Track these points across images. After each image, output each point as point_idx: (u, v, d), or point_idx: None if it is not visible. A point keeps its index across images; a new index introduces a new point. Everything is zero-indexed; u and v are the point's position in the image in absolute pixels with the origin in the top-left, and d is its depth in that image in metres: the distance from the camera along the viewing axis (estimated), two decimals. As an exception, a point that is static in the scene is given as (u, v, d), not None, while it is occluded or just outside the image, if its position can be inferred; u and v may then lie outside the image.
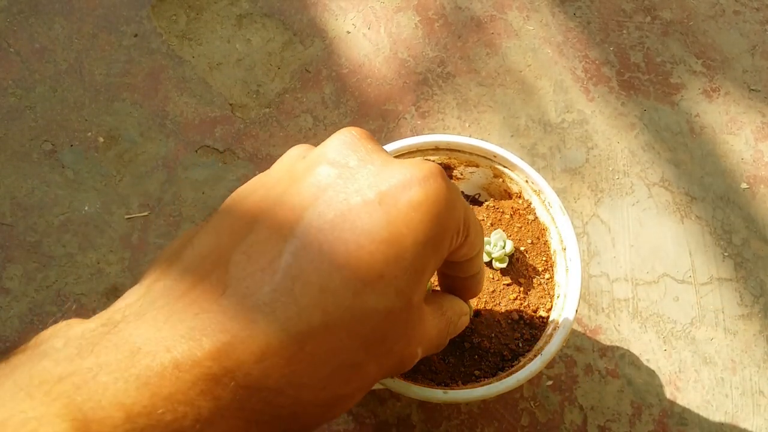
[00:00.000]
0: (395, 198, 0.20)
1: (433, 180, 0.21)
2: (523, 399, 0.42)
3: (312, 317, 0.18)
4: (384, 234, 0.19)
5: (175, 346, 0.17)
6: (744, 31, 0.55)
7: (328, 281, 0.18)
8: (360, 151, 0.21)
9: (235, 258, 0.19)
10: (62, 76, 0.51)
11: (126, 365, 0.16)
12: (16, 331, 0.43)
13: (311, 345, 0.18)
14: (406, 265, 0.20)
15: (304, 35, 0.54)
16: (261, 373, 0.17)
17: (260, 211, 0.20)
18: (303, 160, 0.22)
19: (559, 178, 0.49)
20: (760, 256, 0.47)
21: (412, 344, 0.22)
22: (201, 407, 0.16)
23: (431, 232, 0.20)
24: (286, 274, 0.18)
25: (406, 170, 0.21)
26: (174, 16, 0.54)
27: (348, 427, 0.41)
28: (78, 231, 0.46)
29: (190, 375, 0.16)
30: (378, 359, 0.20)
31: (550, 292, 0.36)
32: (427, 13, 0.55)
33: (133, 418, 0.15)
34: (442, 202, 0.21)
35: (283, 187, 0.21)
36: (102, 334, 0.17)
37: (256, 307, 0.18)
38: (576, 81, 0.53)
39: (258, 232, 0.19)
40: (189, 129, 0.50)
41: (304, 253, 0.19)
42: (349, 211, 0.20)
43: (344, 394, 0.20)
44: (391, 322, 0.20)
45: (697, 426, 0.42)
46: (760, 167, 0.50)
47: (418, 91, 0.52)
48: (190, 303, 0.18)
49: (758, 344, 0.45)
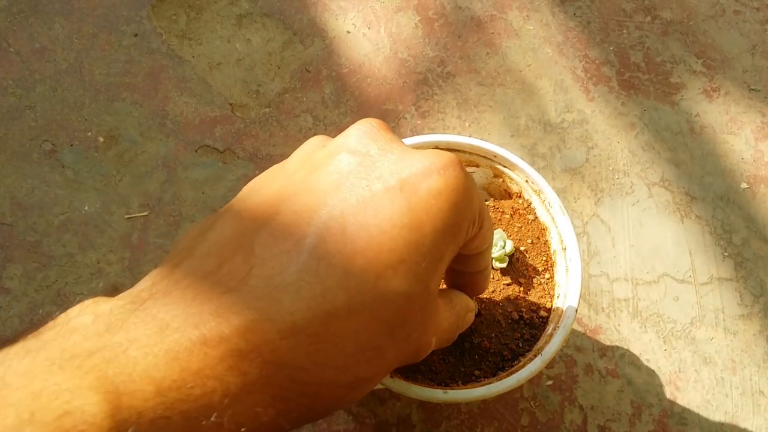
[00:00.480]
0: (416, 185, 0.20)
1: (452, 169, 0.21)
2: (523, 399, 0.42)
3: (336, 298, 0.18)
4: (405, 220, 0.20)
5: (203, 323, 0.17)
6: (744, 31, 0.55)
7: (352, 264, 0.19)
8: (380, 140, 0.22)
9: (260, 240, 0.19)
10: (62, 76, 0.51)
11: (155, 340, 0.16)
12: (16, 331, 0.43)
13: (335, 325, 0.18)
14: (425, 251, 0.20)
15: (304, 35, 0.54)
16: (287, 349, 0.18)
17: (284, 197, 0.20)
18: (323, 149, 0.22)
19: (559, 177, 0.49)
20: (760, 256, 0.47)
21: (428, 333, 0.22)
22: (229, 382, 0.17)
23: (450, 220, 0.21)
24: (311, 255, 0.19)
25: (426, 159, 0.21)
26: (174, 16, 0.54)
27: (348, 427, 0.41)
28: (78, 231, 0.46)
29: (218, 351, 0.17)
30: (397, 344, 0.21)
31: (550, 292, 0.36)
32: (427, 13, 0.55)
33: (163, 391, 0.16)
34: (460, 191, 0.21)
35: (304, 174, 0.21)
36: (130, 310, 0.17)
37: (281, 286, 0.18)
38: (576, 81, 0.53)
39: (283, 215, 0.20)
40: (189, 129, 0.50)
41: (328, 235, 0.19)
42: (372, 197, 0.20)
43: (364, 377, 0.20)
44: (411, 307, 0.20)
45: (697, 426, 0.42)
46: (760, 167, 0.50)
47: (418, 90, 0.52)
48: (216, 282, 0.18)
49: (758, 344, 0.45)
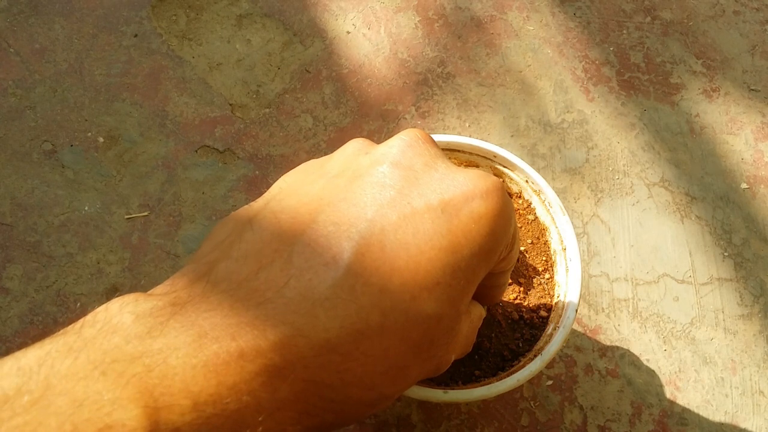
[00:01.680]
0: (458, 208, 0.20)
1: (495, 194, 0.21)
2: (523, 399, 0.42)
3: (370, 317, 0.18)
4: (444, 242, 0.20)
5: (240, 335, 0.17)
6: (744, 31, 0.55)
7: (388, 283, 0.19)
8: (425, 155, 0.22)
9: (297, 248, 0.19)
10: (62, 76, 0.51)
11: (194, 350, 0.16)
12: (16, 331, 0.43)
13: (366, 344, 0.18)
14: (461, 274, 0.20)
15: (304, 35, 0.54)
16: (318, 367, 0.18)
17: (324, 204, 0.20)
18: (366, 156, 0.22)
19: (559, 178, 0.49)
20: (760, 256, 0.47)
21: (450, 350, 0.22)
22: (262, 398, 0.17)
23: (487, 245, 0.21)
24: (349, 271, 0.18)
25: (470, 181, 0.21)
26: (174, 16, 0.54)
27: (348, 427, 0.41)
28: (78, 231, 0.46)
29: (254, 365, 0.17)
30: (422, 363, 0.20)
31: (550, 292, 0.36)
32: (427, 13, 0.55)
33: (200, 406, 0.16)
34: (500, 217, 0.21)
35: (346, 181, 0.21)
36: (171, 314, 0.17)
37: (318, 301, 0.18)
38: (576, 81, 0.53)
39: (322, 226, 0.19)
40: (189, 129, 0.50)
41: (366, 251, 0.19)
42: (413, 215, 0.20)
43: (387, 395, 0.20)
44: (440, 328, 0.20)
45: (697, 426, 0.42)
46: (760, 167, 0.50)
47: (418, 91, 0.52)
48: (254, 290, 0.18)
49: (758, 344, 0.45)
